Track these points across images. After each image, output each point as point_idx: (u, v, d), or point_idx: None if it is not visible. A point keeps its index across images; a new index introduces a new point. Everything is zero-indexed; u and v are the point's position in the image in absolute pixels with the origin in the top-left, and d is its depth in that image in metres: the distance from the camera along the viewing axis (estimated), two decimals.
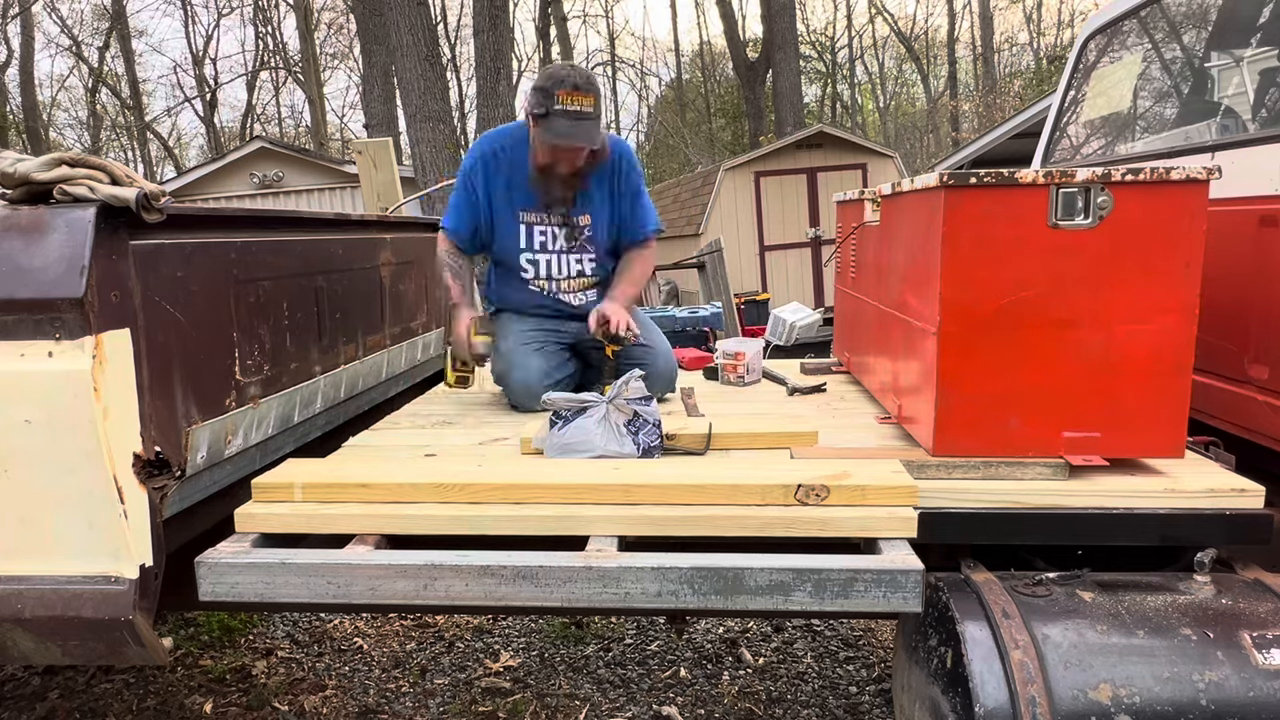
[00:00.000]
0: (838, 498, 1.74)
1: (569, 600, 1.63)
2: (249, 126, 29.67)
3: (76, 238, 1.52)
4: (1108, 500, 1.75)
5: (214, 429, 1.88)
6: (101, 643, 1.64)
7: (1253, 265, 1.97)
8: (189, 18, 29.31)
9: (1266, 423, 1.93)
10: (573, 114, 2.50)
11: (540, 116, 2.52)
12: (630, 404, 2.11)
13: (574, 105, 2.49)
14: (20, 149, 16.69)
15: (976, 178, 1.75)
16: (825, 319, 7.34)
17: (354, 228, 2.81)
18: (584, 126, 2.52)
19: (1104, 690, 1.41)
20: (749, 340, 3.27)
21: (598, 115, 2.55)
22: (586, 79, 2.55)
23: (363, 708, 2.87)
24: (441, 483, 1.83)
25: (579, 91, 2.49)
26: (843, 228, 3.11)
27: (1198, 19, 2.64)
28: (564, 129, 2.52)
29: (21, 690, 3.01)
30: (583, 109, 2.50)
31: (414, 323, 3.24)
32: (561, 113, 2.49)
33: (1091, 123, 3.16)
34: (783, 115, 18.63)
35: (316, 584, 1.67)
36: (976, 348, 1.81)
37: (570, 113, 2.50)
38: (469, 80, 26.84)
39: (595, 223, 2.82)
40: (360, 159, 4.29)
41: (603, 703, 2.85)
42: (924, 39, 32.56)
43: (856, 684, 2.93)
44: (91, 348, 1.52)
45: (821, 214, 12.08)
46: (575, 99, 2.49)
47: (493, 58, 10.37)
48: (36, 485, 1.57)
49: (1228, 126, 2.33)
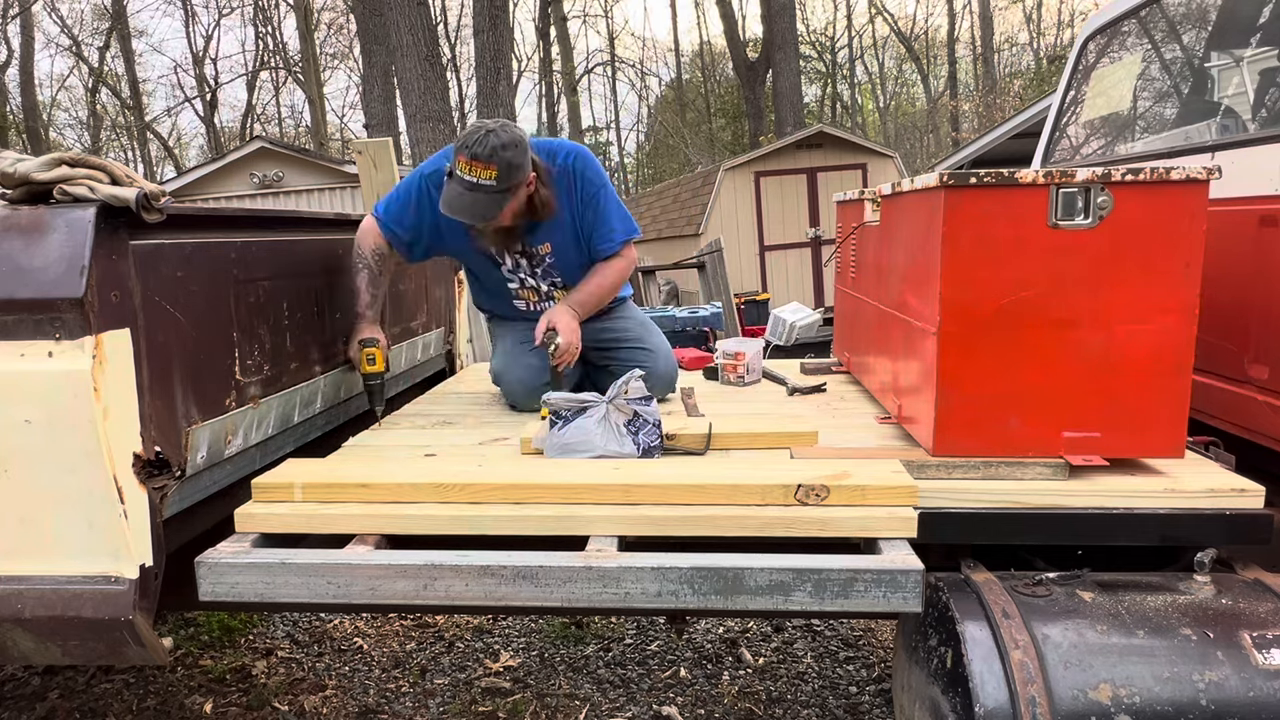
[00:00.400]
0: (838, 498, 1.74)
1: (569, 600, 1.63)
2: (249, 126, 29.71)
3: (76, 238, 1.52)
4: (1108, 500, 1.75)
5: (214, 429, 1.88)
6: (101, 643, 1.64)
7: (1253, 265, 1.97)
8: (189, 18, 29.37)
9: (1266, 423, 1.93)
10: (466, 184, 2.29)
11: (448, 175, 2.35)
12: (630, 404, 2.11)
13: (469, 175, 2.28)
14: (20, 149, 16.68)
15: (976, 178, 1.75)
16: (825, 319, 7.35)
17: (354, 228, 2.81)
18: (472, 199, 2.31)
19: (1104, 690, 1.41)
20: (749, 340, 3.27)
21: (500, 189, 2.30)
22: (489, 151, 2.25)
23: (363, 708, 2.87)
24: (441, 483, 1.83)
25: (476, 162, 2.25)
26: (843, 228, 3.11)
27: (1197, 19, 2.64)
28: (449, 199, 2.34)
29: (21, 690, 3.01)
30: (478, 180, 2.27)
31: (414, 323, 3.23)
32: (456, 180, 2.31)
33: (1091, 123, 3.16)
34: (783, 115, 18.64)
35: (316, 584, 1.67)
36: (976, 348, 1.81)
37: (463, 181, 2.29)
38: (469, 80, 26.89)
39: (557, 248, 2.64)
40: (360, 159, 4.29)
41: (603, 703, 2.85)
42: (924, 39, 32.59)
43: (856, 684, 2.93)
44: (91, 348, 1.52)
45: (821, 214, 12.08)
46: (473, 169, 2.26)
47: (493, 58, 10.39)
48: (36, 485, 1.57)
49: (1228, 126, 2.33)
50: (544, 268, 2.70)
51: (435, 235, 2.62)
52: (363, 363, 2.47)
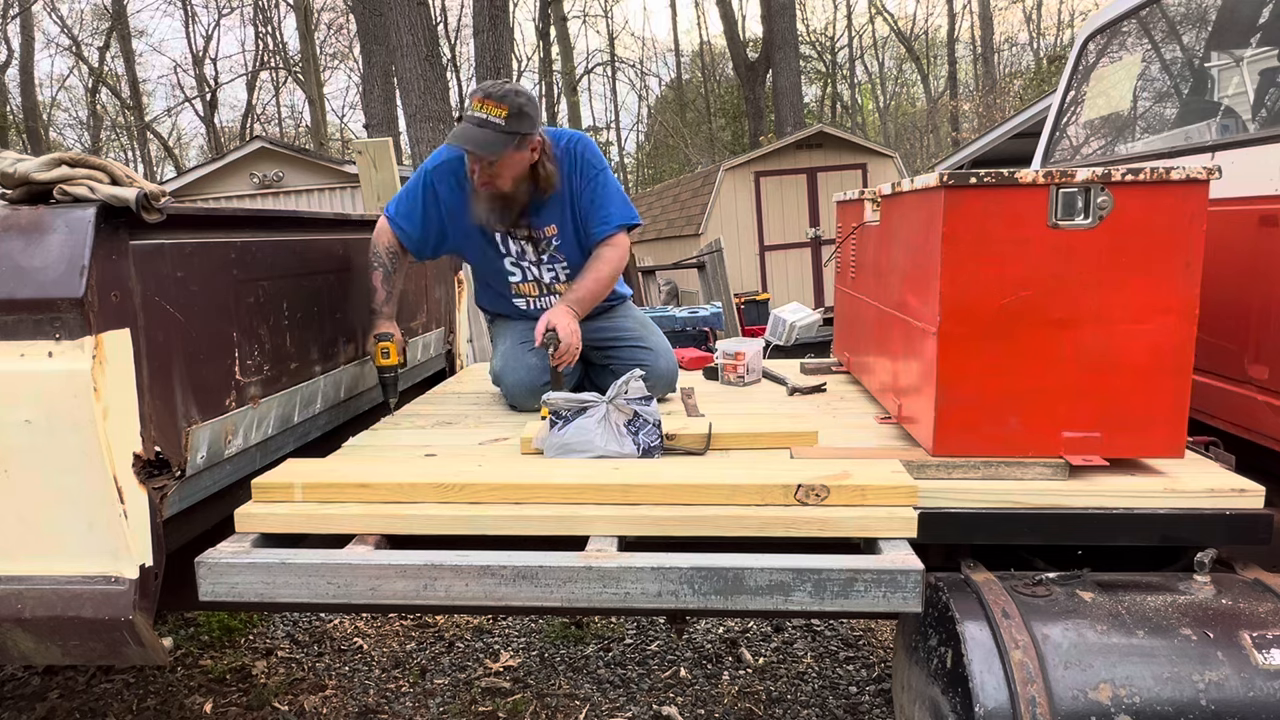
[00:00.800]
0: (838, 498, 1.74)
1: (569, 600, 1.63)
2: (249, 126, 29.69)
3: (76, 238, 1.52)
4: (1108, 500, 1.75)
5: (214, 429, 1.88)
6: (101, 643, 1.64)
7: (1253, 265, 1.97)
8: (189, 18, 29.36)
9: (1266, 423, 1.93)
10: (475, 120, 2.37)
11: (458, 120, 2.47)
12: (630, 404, 2.11)
13: (480, 112, 2.37)
14: (20, 149, 16.70)
15: (976, 178, 1.75)
16: (825, 319, 7.34)
17: (354, 228, 2.81)
18: (480, 133, 2.37)
19: (1104, 690, 1.41)
20: (749, 340, 3.27)
21: (509, 130, 2.36)
22: (504, 92, 2.38)
23: (363, 708, 2.87)
24: (441, 483, 1.83)
25: (489, 99, 2.36)
26: (843, 228, 3.11)
27: (1197, 19, 2.64)
28: (457, 133, 2.41)
29: (21, 690, 3.01)
30: (489, 117, 2.35)
31: (414, 323, 3.23)
32: (467, 119, 2.40)
33: (1091, 123, 3.16)
34: (783, 115, 18.64)
35: (316, 584, 1.67)
36: (976, 348, 1.80)
37: (473, 118, 2.38)
38: (469, 80, 26.89)
39: (562, 232, 2.67)
40: (360, 159, 4.29)
41: (603, 703, 2.85)
42: (924, 39, 32.60)
43: (856, 684, 2.93)
44: (91, 348, 1.51)
45: (821, 214, 12.09)
46: (485, 106, 2.36)
47: (493, 58, 10.39)
48: (36, 485, 1.57)
49: (1228, 126, 2.33)
50: (549, 253, 2.71)
51: (441, 227, 2.68)
52: (377, 356, 2.57)
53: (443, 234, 2.70)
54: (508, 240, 2.71)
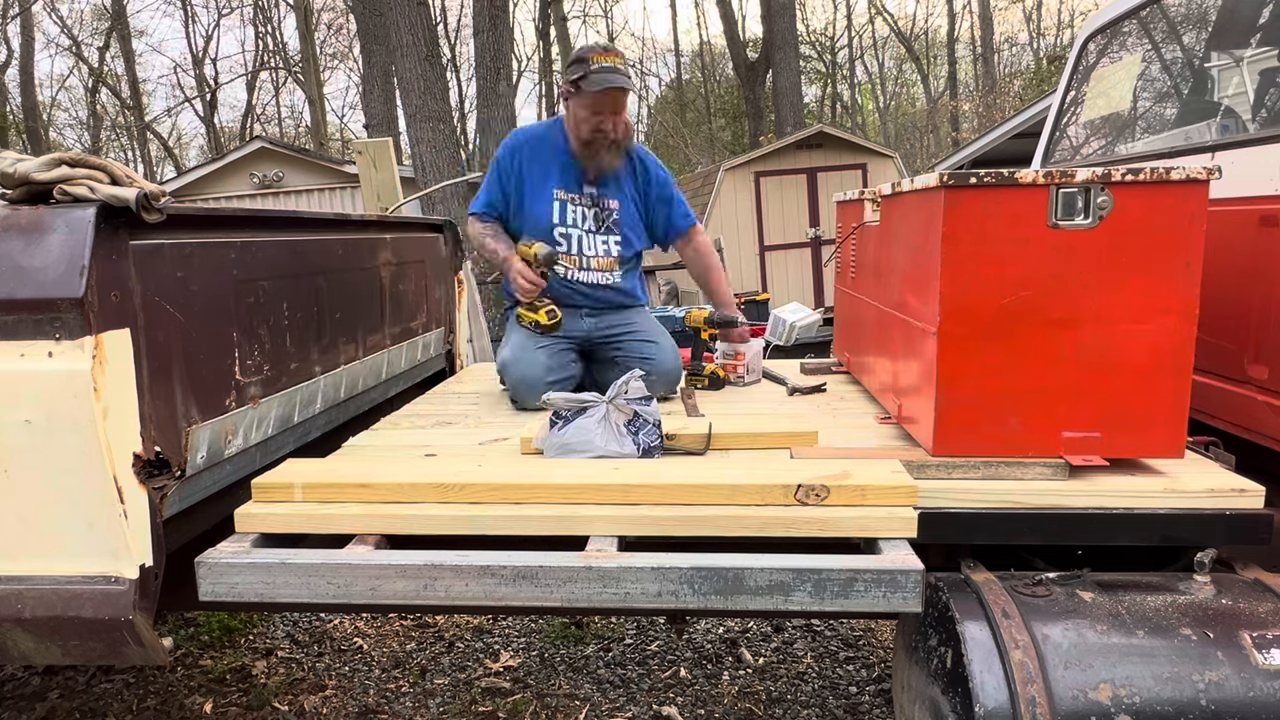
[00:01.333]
0: (838, 498, 1.74)
1: (569, 600, 1.63)
2: (249, 126, 29.68)
3: (76, 238, 1.52)
4: (1108, 500, 1.75)
5: (214, 429, 1.88)
6: (101, 643, 1.64)
7: (1253, 265, 1.97)
8: (189, 18, 29.34)
9: (1266, 423, 1.93)
10: (608, 68, 2.72)
11: (579, 80, 2.73)
12: (630, 404, 2.11)
13: (609, 61, 2.73)
14: (20, 149, 16.70)
15: (976, 178, 1.75)
16: (825, 319, 7.34)
17: (354, 228, 2.81)
18: (622, 74, 2.75)
19: (1104, 690, 1.41)
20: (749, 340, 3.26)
21: (628, 73, 2.78)
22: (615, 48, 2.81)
23: (363, 708, 2.87)
24: (441, 483, 1.83)
25: (610, 52, 2.77)
26: (843, 228, 3.11)
27: (1197, 19, 2.64)
28: (605, 77, 2.71)
29: (21, 690, 3.01)
30: (617, 64, 2.75)
31: (414, 323, 3.23)
32: (599, 69, 2.72)
33: (1091, 123, 3.16)
34: (783, 115, 18.62)
35: (316, 584, 1.67)
36: (976, 348, 1.80)
37: (606, 67, 2.73)
38: (469, 80, 26.88)
39: (623, 209, 2.96)
40: (360, 159, 4.30)
41: (603, 703, 2.85)
42: (924, 39, 32.59)
43: (856, 684, 2.93)
44: (91, 348, 1.51)
45: (821, 214, 12.07)
46: (609, 57, 2.75)
47: (493, 58, 10.38)
48: (36, 485, 1.57)
49: (1228, 126, 2.33)
50: (608, 224, 2.96)
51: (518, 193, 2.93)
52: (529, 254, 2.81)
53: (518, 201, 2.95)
54: (566, 208, 2.91)
